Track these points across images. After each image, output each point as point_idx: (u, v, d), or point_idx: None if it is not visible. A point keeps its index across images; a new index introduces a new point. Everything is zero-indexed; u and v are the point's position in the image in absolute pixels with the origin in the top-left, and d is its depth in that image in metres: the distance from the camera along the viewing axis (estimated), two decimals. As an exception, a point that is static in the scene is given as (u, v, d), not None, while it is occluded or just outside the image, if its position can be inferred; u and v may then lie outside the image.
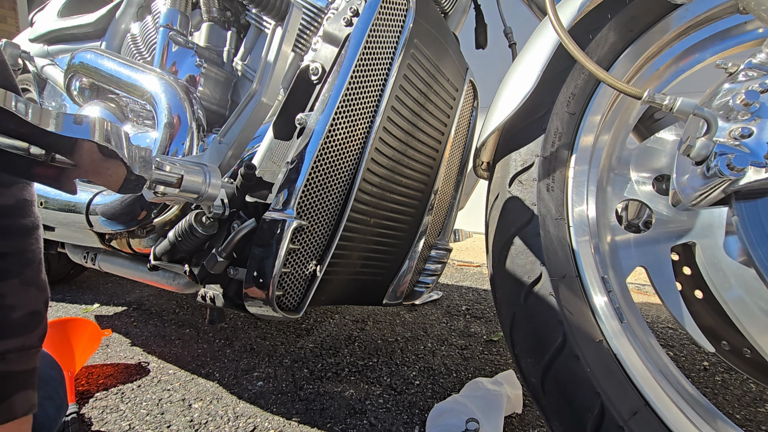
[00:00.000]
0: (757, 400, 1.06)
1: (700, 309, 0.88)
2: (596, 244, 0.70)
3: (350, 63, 0.70)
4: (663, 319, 1.65)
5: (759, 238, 0.51)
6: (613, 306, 0.65)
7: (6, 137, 0.44)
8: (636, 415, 0.57)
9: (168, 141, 0.90)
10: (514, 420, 0.95)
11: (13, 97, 0.42)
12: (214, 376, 1.13)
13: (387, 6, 0.73)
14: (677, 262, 0.92)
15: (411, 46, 0.77)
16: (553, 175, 0.72)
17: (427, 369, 1.19)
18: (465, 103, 1.00)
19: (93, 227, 0.92)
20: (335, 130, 0.70)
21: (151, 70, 0.97)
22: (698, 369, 1.22)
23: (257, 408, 0.98)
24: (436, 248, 1.04)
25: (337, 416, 0.95)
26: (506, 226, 0.72)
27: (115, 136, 0.49)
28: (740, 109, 0.52)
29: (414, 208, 0.92)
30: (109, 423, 0.93)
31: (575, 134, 0.75)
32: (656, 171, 0.75)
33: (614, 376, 0.60)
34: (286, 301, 0.71)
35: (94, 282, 2.12)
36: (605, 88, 0.76)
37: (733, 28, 0.76)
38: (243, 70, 1.01)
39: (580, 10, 0.73)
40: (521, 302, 0.66)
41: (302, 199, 0.68)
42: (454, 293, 2.00)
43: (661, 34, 0.77)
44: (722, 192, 0.52)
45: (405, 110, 0.80)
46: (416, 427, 0.92)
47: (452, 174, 1.05)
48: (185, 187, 0.65)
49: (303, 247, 0.71)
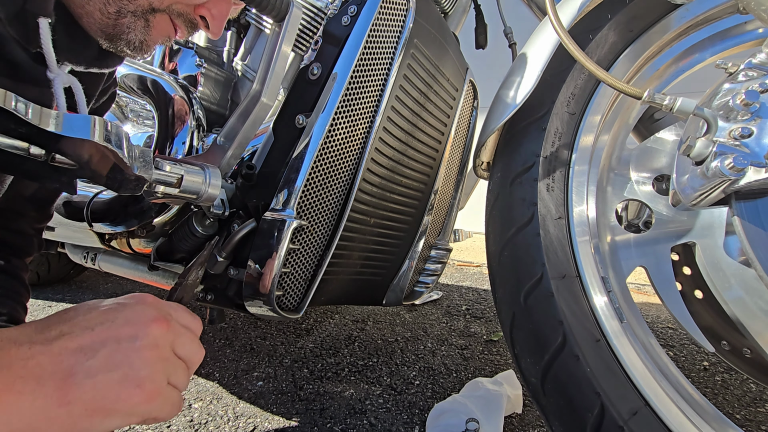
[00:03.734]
0: (757, 400, 1.06)
1: (700, 309, 0.88)
2: (596, 244, 0.70)
3: (350, 63, 0.69)
4: (663, 319, 1.65)
5: (759, 238, 0.51)
6: (613, 306, 0.65)
7: (6, 137, 0.44)
8: (636, 415, 0.57)
9: (168, 141, 0.90)
10: (514, 420, 0.95)
11: (13, 97, 0.42)
12: (214, 376, 1.13)
13: (387, 6, 0.73)
14: (677, 262, 0.92)
15: (411, 46, 0.77)
16: (553, 175, 0.72)
17: (427, 369, 1.19)
18: (465, 103, 1.00)
19: (93, 227, 0.92)
20: (335, 130, 0.70)
21: (151, 70, 0.97)
22: (698, 369, 1.22)
23: (257, 408, 0.98)
24: (436, 248, 1.04)
25: (337, 416, 0.95)
26: (506, 226, 0.72)
27: (115, 136, 0.49)
28: (740, 109, 0.52)
29: (414, 208, 0.92)
30: (109, 423, 0.93)
31: (575, 134, 0.75)
32: (656, 171, 0.75)
33: (614, 376, 0.60)
34: (286, 301, 0.71)
35: (94, 282, 2.12)
36: (605, 88, 0.76)
37: (733, 28, 0.76)
38: (243, 70, 1.01)
39: (580, 10, 0.73)
40: (521, 302, 0.66)
41: (302, 199, 0.68)
42: (454, 293, 2.00)
43: (661, 34, 0.77)
44: (722, 192, 0.52)
45: (405, 110, 0.80)
46: (416, 427, 0.92)
47: (452, 174, 1.05)
48: (185, 187, 0.65)
49: (303, 247, 0.71)
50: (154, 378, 0.41)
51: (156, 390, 0.40)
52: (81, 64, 0.55)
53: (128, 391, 0.39)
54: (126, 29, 0.52)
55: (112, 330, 0.41)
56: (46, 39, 0.47)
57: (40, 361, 0.37)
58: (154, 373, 0.41)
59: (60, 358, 0.37)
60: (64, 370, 0.37)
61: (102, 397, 0.38)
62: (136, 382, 0.39)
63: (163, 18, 0.55)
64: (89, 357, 0.38)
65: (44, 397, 0.36)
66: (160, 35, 0.56)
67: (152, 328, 0.42)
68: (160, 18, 0.54)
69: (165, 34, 0.56)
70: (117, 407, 0.38)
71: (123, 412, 0.39)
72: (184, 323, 0.47)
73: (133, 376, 0.39)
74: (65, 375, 0.37)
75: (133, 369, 0.39)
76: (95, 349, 0.39)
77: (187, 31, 0.59)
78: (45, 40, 0.47)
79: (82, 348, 0.39)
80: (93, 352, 0.39)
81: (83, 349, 0.39)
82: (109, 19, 0.51)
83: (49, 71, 0.50)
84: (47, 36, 0.47)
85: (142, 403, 0.39)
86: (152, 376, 0.40)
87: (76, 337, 0.39)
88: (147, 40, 0.54)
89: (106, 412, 0.38)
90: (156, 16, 0.54)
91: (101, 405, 0.38)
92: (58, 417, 0.36)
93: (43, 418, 0.35)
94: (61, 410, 0.36)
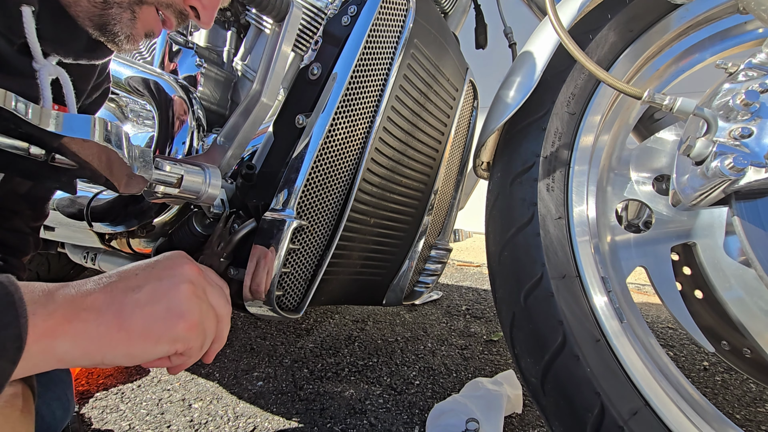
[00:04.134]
0: (757, 400, 1.06)
1: (700, 309, 0.88)
2: (596, 244, 0.70)
3: (350, 63, 0.69)
4: (663, 319, 1.65)
5: (759, 238, 0.51)
6: (613, 306, 0.65)
7: (6, 137, 0.44)
8: (636, 415, 0.57)
9: (168, 141, 0.90)
10: (514, 420, 0.95)
11: (13, 97, 0.42)
12: (214, 376, 1.13)
13: (387, 6, 0.73)
14: (677, 262, 0.92)
15: (411, 46, 0.77)
16: (553, 175, 0.72)
17: (427, 369, 1.19)
18: (465, 103, 1.00)
19: (93, 227, 0.92)
20: (335, 130, 0.70)
21: (151, 70, 0.97)
22: (698, 369, 1.22)
23: (257, 408, 0.98)
24: (436, 248, 1.04)
25: (337, 416, 0.95)
26: (506, 226, 0.72)
27: (115, 136, 0.49)
28: (740, 109, 0.52)
29: (414, 208, 0.92)
30: (109, 423, 0.93)
31: (575, 134, 0.75)
32: (656, 171, 0.75)
33: (614, 376, 0.60)
34: (286, 301, 0.71)
35: (94, 282, 2.12)
36: (605, 88, 0.76)
37: (733, 28, 0.76)
38: (243, 70, 1.01)
39: (580, 10, 0.73)
40: (521, 302, 0.66)
41: (302, 199, 0.68)
42: (454, 293, 2.00)
43: (661, 34, 0.77)
44: (722, 192, 0.52)
45: (405, 110, 0.80)
46: (416, 427, 0.92)
47: (452, 174, 1.05)
48: (185, 187, 0.65)
49: (303, 247, 0.71)
50: (193, 311, 0.47)
51: (195, 321, 0.47)
52: (69, 56, 0.55)
53: (173, 320, 0.45)
54: (112, 20, 0.52)
55: (153, 272, 0.47)
56: (29, 28, 0.48)
57: (96, 298, 0.43)
58: (192, 306, 0.47)
59: (112, 294, 0.44)
60: (118, 304, 0.43)
61: (152, 324, 0.44)
62: (178, 313, 0.45)
63: (150, 11, 0.55)
64: (136, 292, 0.45)
65: (106, 324, 0.41)
66: (144, 28, 0.56)
67: (187, 269, 0.49)
68: (146, 10, 0.54)
69: (150, 27, 0.56)
70: (164, 334, 0.44)
71: (169, 339, 0.45)
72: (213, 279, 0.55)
73: (175, 308, 0.45)
74: (119, 307, 0.43)
75: (175, 302, 0.46)
76: (140, 287, 0.45)
77: (177, 22, 0.58)
78: (29, 29, 0.48)
79: (130, 287, 0.45)
80: (138, 288, 0.45)
81: (130, 287, 0.45)
82: (96, 8, 0.51)
83: (35, 62, 0.50)
84: (30, 25, 0.48)
85: (185, 331, 0.46)
86: (191, 309, 0.47)
87: (123, 280, 0.46)
88: (133, 33, 0.54)
89: (156, 337, 0.44)
90: (143, 8, 0.53)
91: (152, 331, 0.44)
92: (120, 340, 0.42)
93: (107, 340, 0.41)
94: (121, 334, 0.42)
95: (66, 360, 0.40)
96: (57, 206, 0.98)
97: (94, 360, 0.41)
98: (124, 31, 0.53)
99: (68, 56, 0.55)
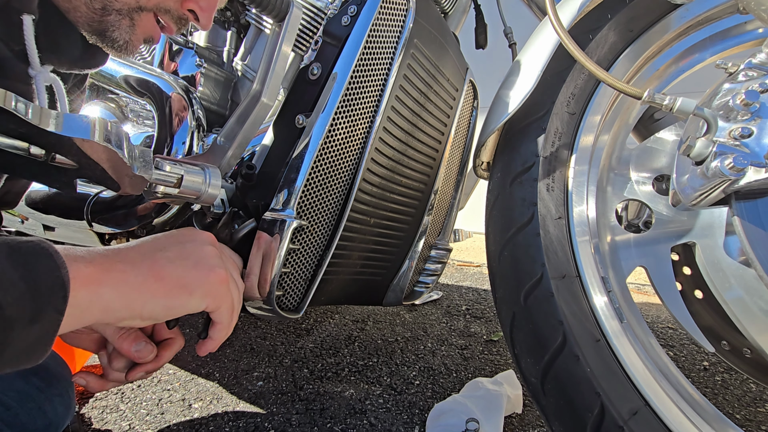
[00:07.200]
0: (757, 400, 1.06)
1: (700, 309, 0.88)
2: (596, 244, 0.70)
3: (350, 63, 0.69)
4: (663, 319, 1.65)
5: (759, 238, 0.51)
6: (613, 306, 0.65)
7: (6, 137, 0.44)
8: (636, 415, 0.57)
9: (168, 141, 0.90)
10: (514, 420, 0.95)
11: (13, 97, 0.42)
12: (214, 376, 1.13)
13: (387, 6, 0.73)
14: (677, 262, 0.92)
15: (411, 46, 0.77)
16: (553, 175, 0.72)
17: (427, 369, 1.19)
18: (465, 103, 1.00)
19: (93, 227, 0.92)
20: (335, 130, 0.70)
21: (151, 70, 0.97)
22: (698, 369, 1.22)
23: (257, 408, 0.98)
24: (436, 248, 1.04)
25: (337, 416, 0.95)
26: (506, 226, 0.72)
27: (115, 136, 0.49)
28: (740, 109, 0.52)
29: (414, 208, 0.92)
30: (109, 423, 0.93)
31: (575, 134, 0.75)
32: (656, 171, 0.75)
33: (614, 376, 0.60)
34: (286, 301, 0.71)
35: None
36: (605, 88, 0.76)
37: (733, 28, 0.76)
38: (243, 70, 1.01)
39: (580, 10, 0.73)
40: (521, 302, 0.66)
41: (302, 199, 0.68)
42: (454, 293, 2.00)
43: (661, 34, 0.77)
44: (722, 192, 0.52)
45: (405, 110, 0.80)
46: (416, 427, 0.92)
47: (452, 174, 1.05)
48: (185, 187, 0.65)
49: (303, 247, 0.71)
50: (221, 266, 0.49)
51: (225, 275, 0.49)
52: (63, 65, 0.56)
53: (205, 272, 0.47)
54: (110, 27, 0.52)
55: (175, 237, 0.50)
56: (29, 36, 0.48)
57: (128, 253, 0.44)
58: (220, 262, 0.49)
59: (143, 250, 0.46)
60: (150, 259, 0.45)
61: (185, 274, 0.46)
62: (208, 266, 0.48)
63: (149, 17, 0.55)
64: (165, 251, 0.47)
65: (143, 274, 0.43)
66: (143, 34, 0.56)
67: (206, 236, 0.52)
68: (145, 17, 0.54)
69: (149, 33, 0.57)
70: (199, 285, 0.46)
71: (203, 291, 0.46)
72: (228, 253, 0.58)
73: (204, 263, 0.48)
74: (152, 261, 0.45)
75: (203, 258, 0.48)
76: (167, 247, 0.47)
77: (177, 28, 0.59)
78: (28, 37, 0.48)
79: (157, 247, 0.47)
80: (165, 248, 0.47)
81: (157, 247, 0.47)
82: (95, 14, 0.51)
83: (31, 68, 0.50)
84: (30, 33, 0.48)
85: (217, 283, 0.48)
86: (220, 264, 0.49)
87: (149, 243, 0.47)
88: (132, 39, 0.55)
89: (191, 288, 0.46)
90: (142, 15, 0.54)
91: (186, 281, 0.46)
92: (157, 289, 0.43)
93: (146, 288, 0.43)
94: (159, 284, 0.43)
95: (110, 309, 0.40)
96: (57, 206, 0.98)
97: (134, 311, 0.42)
98: (123, 37, 0.54)
99: (63, 66, 0.55)
